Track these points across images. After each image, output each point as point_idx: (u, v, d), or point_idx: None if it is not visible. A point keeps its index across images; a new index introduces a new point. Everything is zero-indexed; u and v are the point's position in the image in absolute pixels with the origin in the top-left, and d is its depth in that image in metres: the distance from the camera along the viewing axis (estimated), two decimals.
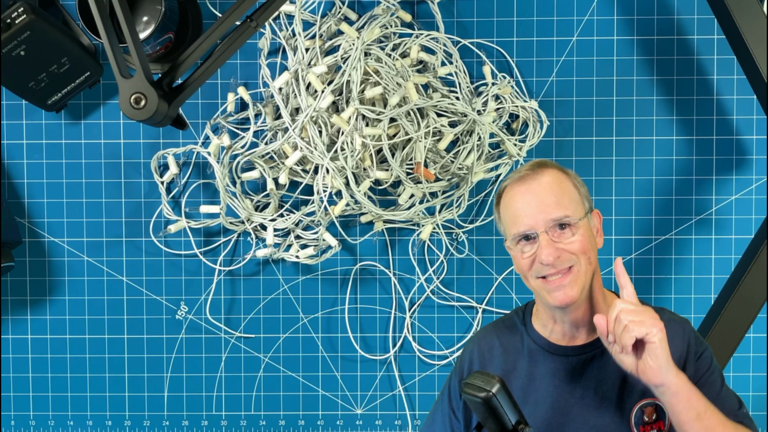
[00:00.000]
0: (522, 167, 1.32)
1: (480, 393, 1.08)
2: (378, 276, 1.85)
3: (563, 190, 1.27)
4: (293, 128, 1.72)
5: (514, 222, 1.27)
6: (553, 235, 1.24)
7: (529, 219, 1.25)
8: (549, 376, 1.30)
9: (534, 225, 1.25)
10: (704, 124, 1.81)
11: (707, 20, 1.79)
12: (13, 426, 1.87)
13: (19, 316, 1.86)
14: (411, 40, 1.76)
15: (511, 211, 1.28)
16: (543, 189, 1.26)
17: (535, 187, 1.27)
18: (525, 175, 1.29)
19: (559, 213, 1.24)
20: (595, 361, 1.29)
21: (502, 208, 1.31)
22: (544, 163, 1.31)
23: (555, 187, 1.27)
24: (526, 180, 1.28)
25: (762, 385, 1.83)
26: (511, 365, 1.33)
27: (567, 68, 1.81)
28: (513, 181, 1.30)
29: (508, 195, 1.30)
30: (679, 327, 1.31)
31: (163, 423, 1.87)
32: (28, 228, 1.84)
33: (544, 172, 1.28)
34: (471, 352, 1.38)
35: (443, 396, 1.40)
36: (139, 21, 1.69)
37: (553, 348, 1.32)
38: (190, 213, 1.83)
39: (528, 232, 1.25)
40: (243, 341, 1.86)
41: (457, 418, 1.37)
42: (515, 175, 1.31)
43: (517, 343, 1.35)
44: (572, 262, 1.24)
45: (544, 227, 1.24)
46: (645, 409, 1.27)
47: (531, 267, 1.26)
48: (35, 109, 1.81)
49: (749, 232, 1.80)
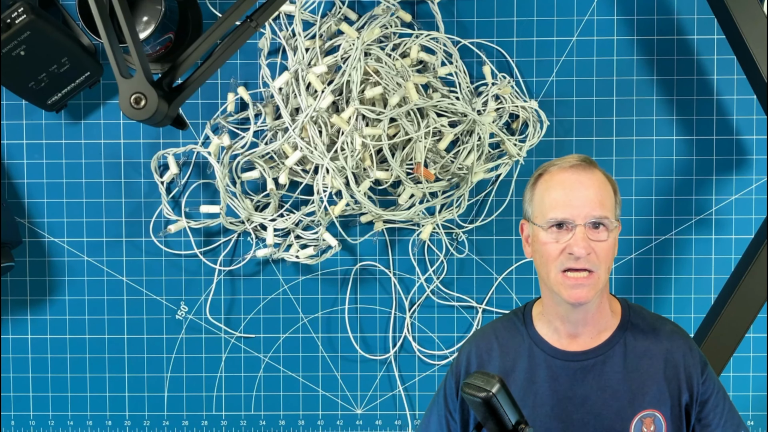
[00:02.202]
0: (570, 156, 1.30)
1: (480, 393, 1.07)
2: (378, 276, 1.85)
3: (607, 193, 1.27)
4: (293, 128, 1.72)
5: (554, 206, 1.25)
6: (589, 231, 1.24)
7: (573, 209, 1.24)
8: (549, 381, 1.29)
9: (576, 215, 1.24)
10: (704, 124, 1.81)
11: (707, 20, 1.79)
12: (13, 426, 1.87)
13: (19, 316, 1.86)
14: (411, 40, 1.76)
15: (553, 195, 1.26)
16: (593, 184, 1.26)
17: (585, 180, 1.26)
18: (576, 164, 1.27)
19: (602, 212, 1.24)
20: (596, 368, 1.28)
21: (541, 189, 1.29)
22: (593, 162, 1.30)
23: (602, 187, 1.27)
24: (576, 170, 1.27)
25: (762, 385, 1.83)
26: (510, 367, 1.32)
27: (567, 68, 1.80)
28: (561, 167, 1.28)
29: (555, 178, 1.28)
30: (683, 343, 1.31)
31: (163, 423, 1.87)
32: (28, 228, 1.84)
33: (594, 170, 1.28)
34: (468, 353, 1.36)
35: (439, 397, 1.38)
36: (139, 21, 1.69)
37: (555, 352, 1.30)
38: (190, 213, 1.83)
39: (567, 220, 1.24)
40: (243, 341, 1.86)
41: (453, 419, 1.35)
42: (563, 162, 1.29)
43: (517, 344, 1.34)
44: (595, 267, 1.24)
45: (584, 221, 1.23)
46: (644, 420, 1.26)
47: (558, 256, 1.25)
48: (35, 109, 1.81)
49: (749, 232, 1.80)
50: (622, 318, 1.32)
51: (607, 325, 1.31)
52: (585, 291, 1.24)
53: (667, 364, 1.28)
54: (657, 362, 1.28)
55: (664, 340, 1.30)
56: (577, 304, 1.25)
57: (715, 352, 1.59)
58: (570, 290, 1.24)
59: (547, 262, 1.26)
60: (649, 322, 1.33)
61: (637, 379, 1.27)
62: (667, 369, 1.28)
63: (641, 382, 1.27)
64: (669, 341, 1.30)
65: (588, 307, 1.28)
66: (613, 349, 1.29)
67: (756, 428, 1.83)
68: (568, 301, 1.25)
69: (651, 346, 1.29)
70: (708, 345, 1.60)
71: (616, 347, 1.29)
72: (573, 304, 1.26)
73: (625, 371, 1.28)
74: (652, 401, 1.26)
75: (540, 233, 1.27)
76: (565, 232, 1.24)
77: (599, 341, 1.30)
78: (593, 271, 1.24)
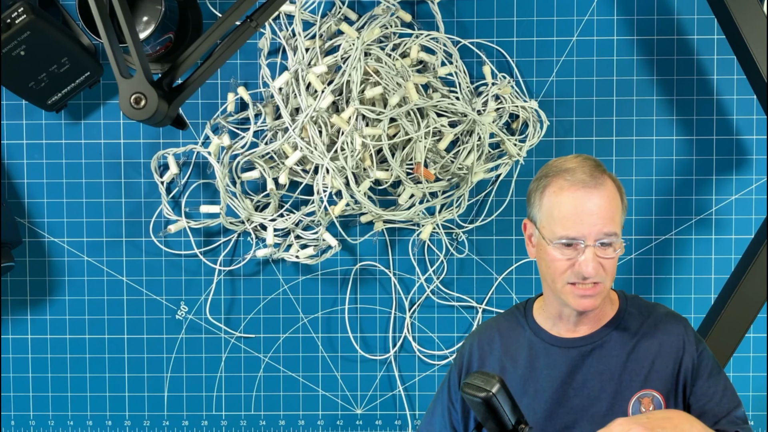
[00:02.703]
0: (579, 166, 1.26)
1: (480, 393, 1.08)
2: (378, 276, 1.85)
3: (617, 207, 1.27)
4: (293, 128, 1.72)
5: (564, 224, 1.24)
6: (598, 250, 1.24)
7: (585, 228, 1.23)
8: (549, 368, 1.32)
9: (586, 235, 1.23)
10: (704, 124, 1.81)
11: (707, 20, 1.79)
12: (13, 426, 1.87)
13: (19, 316, 1.86)
14: (411, 40, 1.76)
15: (563, 211, 1.25)
16: (604, 201, 1.24)
17: (595, 197, 1.24)
18: (588, 181, 1.24)
19: (612, 229, 1.24)
20: (595, 352, 1.31)
21: (550, 201, 1.26)
22: (603, 170, 1.27)
23: (613, 202, 1.26)
24: (588, 186, 1.24)
25: (762, 385, 1.83)
26: (511, 357, 1.34)
27: (567, 68, 1.80)
28: (572, 182, 1.25)
29: (564, 193, 1.25)
30: (678, 323, 1.33)
31: (163, 423, 1.87)
32: (28, 228, 1.84)
33: (606, 181, 1.26)
34: (471, 344, 1.40)
35: (443, 388, 1.41)
36: (139, 21, 1.69)
37: (554, 340, 1.33)
38: (190, 213, 1.83)
39: (578, 239, 1.24)
40: (243, 341, 1.86)
41: (455, 409, 1.38)
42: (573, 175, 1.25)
43: (518, 336, 1.36)
44: (602, 279, 1.25)
45: (594, 240, 1.23)
46: (642, 400, 1.28)
47: (566, 271, 1.25)
48: (35, 109, 1.81)
49: (749, 232, 1.80)
50: (620, 306, 1.35)
51: (606, 314, 1.34)
52: (592, 301, 1.26)
53: (663, 344, 1.30)
54: (653, 343, 1.30)
55: (659, 322, 1.33)
56: (585, 311, 1.28)
57: (715, 352, 1.58)
58: (577, 300, 1.26)
59: (554, 275, 1.27)
60: (644, 307, 1.36)
61: (634, 361, 1.30)
62: (663, 349, 1.30)
63: (638, 364, 1.29)
64: (664, 323, 1.33)
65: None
66: (611, 335, 1.32)
67: (756, 428, 1.83)
68: (576, 309, 1.28)
69: (647, 329, 1.32)
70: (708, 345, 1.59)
71: (614, 332, 1.32)
72: (579, 312, 1.29)
73: (622, 354, 1.30)
74: (649, 381, 1.28)
75: (548, 247, 1.27)
76: (572, 250, 1.25)
77: (596, 327, 1.33)
78: (600, 282, 1.26)
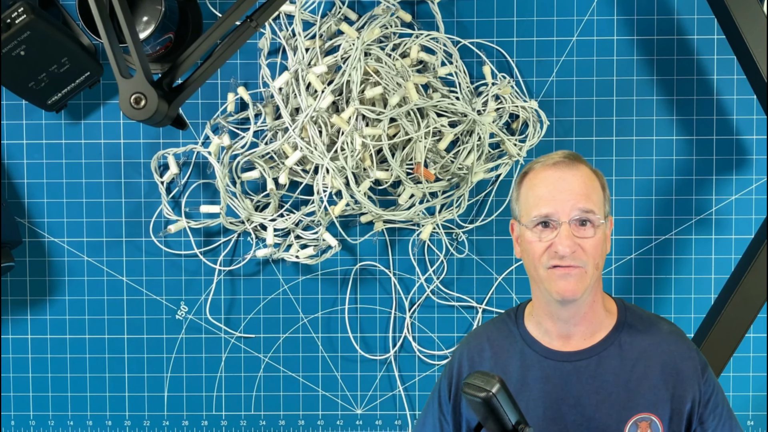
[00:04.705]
0: (555, 153, 1.29)
1: (480, 393, 1.07)
2: (378, 276, 1.85)
3: (594, 188, 1.26)
4: (293, 128, 1.72)
5: (537, 203, 1.24)
6: (574, 229, 1.22)
7: (557, 204, 1.23)
8: (542, 381, 1.27)
9: (559, 211, 1.22)
10: (704, 124, 1.81)
11: (707, 20, 1.79)
12: (13, 426, 1.87)
13: (19, 316, 1.86)
14: (411, 40, 1.76)
15: (538, 192, 1.25)
16: (576, 179, 1.25)
17: (568, 176, 1.25)
18: (560, 161, 1.26)
19: (587, 204, 1.23)
20: (590, 369, 1.26)
21: (526, 188, 1.28)
22: (578, 157, 1.29)
23: (587, 182, 1.25)
24: (560, 166, 1.26)
25: (762, 385, 1.83)
26: (502, 368, 1.30)
27: (567, 68, 1.80)
28: (545, 164, 1.27)
29: (539, 176, 1.27)
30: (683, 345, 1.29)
31: (163, 423, 1.87)
32: (28, 228, 1.84)
33: (579, 166, 1.27)
34: (461, 355, 1.35)
35: (433, 400, 1.37)
36: (139, 21, 1.69)
37: (547, 352, 1.29)
38: (190, 213, 1.83)
39: (551, 216, 1.23)
40: (243, 341, 1.86)
41: (446, 420, 1.34)
42: (547, 159, 1.28)
43: (508, 345, 1.32)
44: (582, 264, 1.22)
45: (568, 217, 1.22)
46: (640, 424, 1.24)
47: (543, 254, 1.23)
48: (35, 109, 1.81)
49: (749, 232, 1.80)
50: (618, 318, 1.30)
51: (602, 325, 1.29)
52: (573, 283, 1.22)
53: (665, 366, 1.26)
54: (654, 364, 1.26)
55: (661, 341, 1.28)
56: (565, 300, 1.23)
57: (715, 352, 1.59)
58: (558, 282, 1.22)
59: (533, 261, 1.25)
60: (645, 322, 1.31)
61: (633, 381, 1.25)
62: (665, 371, 1.26)
63: (637, 385, 1.25)
64: (667, 343, 1.28)
65: (578, 305, 1.25)
66: (608, 350, 1.27)
67: (756, 428, 1.83)
68: (557, 298, 1.23)
69: (648, 347, 1.27)
70: (708, 345, 1.60)
71: (611, 348, 1.27)
72: (561, 301, 1.24)
73: (620, 373, 1.26)
74: (648, 404, 1.24)
75: (526, 232, 1.26)
76: (549, 231, 1.23)
77: (593, 341, 1.28)
78: (580, 267, 1.22)
